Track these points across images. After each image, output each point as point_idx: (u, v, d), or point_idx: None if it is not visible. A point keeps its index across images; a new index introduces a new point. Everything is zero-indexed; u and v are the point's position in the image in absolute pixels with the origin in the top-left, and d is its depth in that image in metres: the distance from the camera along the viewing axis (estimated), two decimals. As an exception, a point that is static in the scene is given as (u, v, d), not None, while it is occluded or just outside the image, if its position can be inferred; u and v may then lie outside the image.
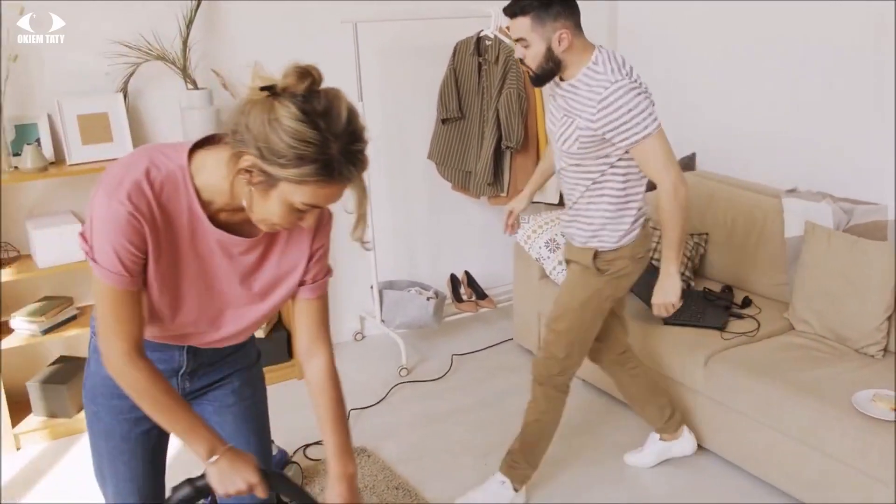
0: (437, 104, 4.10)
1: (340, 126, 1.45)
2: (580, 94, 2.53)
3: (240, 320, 1.78)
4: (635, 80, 2.49)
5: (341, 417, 1.82)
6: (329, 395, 1.81)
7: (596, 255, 2.70)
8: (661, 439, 3.17)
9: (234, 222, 1.66)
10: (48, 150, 3.43)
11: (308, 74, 1.47)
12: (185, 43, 3.53)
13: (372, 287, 4.07)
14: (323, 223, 1.76)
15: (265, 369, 3.77)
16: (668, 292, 2.72)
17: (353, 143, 1.48)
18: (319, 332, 1.84)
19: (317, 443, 3.37)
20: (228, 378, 1.95)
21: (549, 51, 2.52)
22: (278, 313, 3.98)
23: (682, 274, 3.64)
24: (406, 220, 4.37)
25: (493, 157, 3.93)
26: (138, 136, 3.62)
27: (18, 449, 3.43)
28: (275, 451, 3.04)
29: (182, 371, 1.87)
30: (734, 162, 4.05)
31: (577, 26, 2.54)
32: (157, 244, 1.59)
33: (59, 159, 3.47)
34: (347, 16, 3.71)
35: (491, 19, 3.90)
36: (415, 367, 4.02)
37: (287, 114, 1.43)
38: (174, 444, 1.99)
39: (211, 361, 1.90)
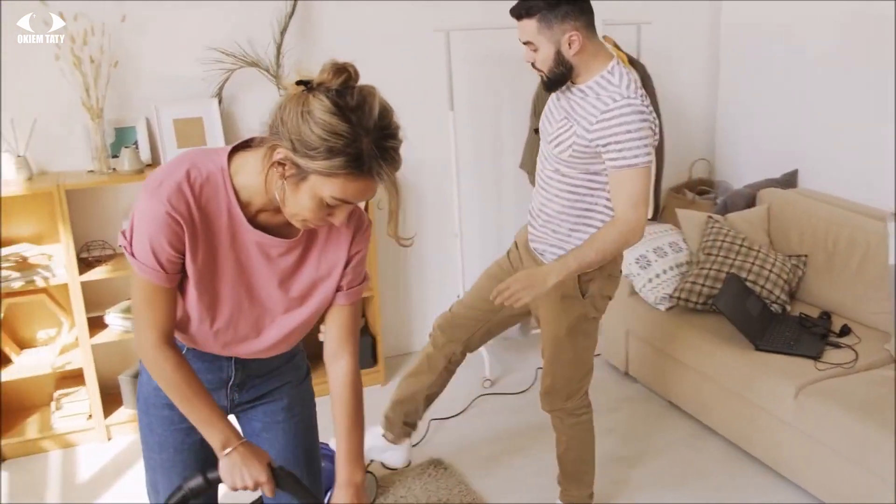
0: (530, 113, 4.04)
1: (372, 121, 1.49)
2: (587, 101, 2.39)
3: (281, 327, 1.79)
4: (647, 106, 2.34)
5: (356, 424, 1.84)
6: (347, 401, 1.84)
7: (579, 278, 2.54)
8: (383, 436, 3.12)
9: (273, 224, 1.69)
10: (146, 153, 3.53)
11: (344, 70, 1.51)
12: (278, 50, 3.59)
13: (458, 296, 4.04)
14: (362, 229, 1.79)
15: None
16: (530, 287, 2.37)
17: (384, 139, 1.52)
18: (347, 338, 1.87)
19: (394, 452, 3.38)
20: (278, 392, 1.97)
21: (559, 54, 2.37)
22: (364, 319, 4.00)
23: (777, 297, 3.49)
24: (496, 230, 4.33)
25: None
26: (231, 141, 3.68)
27: (109, 439, 3.57)
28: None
29: (231, 382, 1.89)
30: (838, 180, 3.86)
31: (589, 27, 2.39)
32: (195, 244, 1.63)
33: (155, 162, 3.57)
34: (440, 24, 3.70)
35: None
36: (499, 378, 3.97)
37: (320, 107, 1.47)
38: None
39: (259, 373, 1.91)
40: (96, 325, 3.53)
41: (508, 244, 2.84)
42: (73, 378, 3.63)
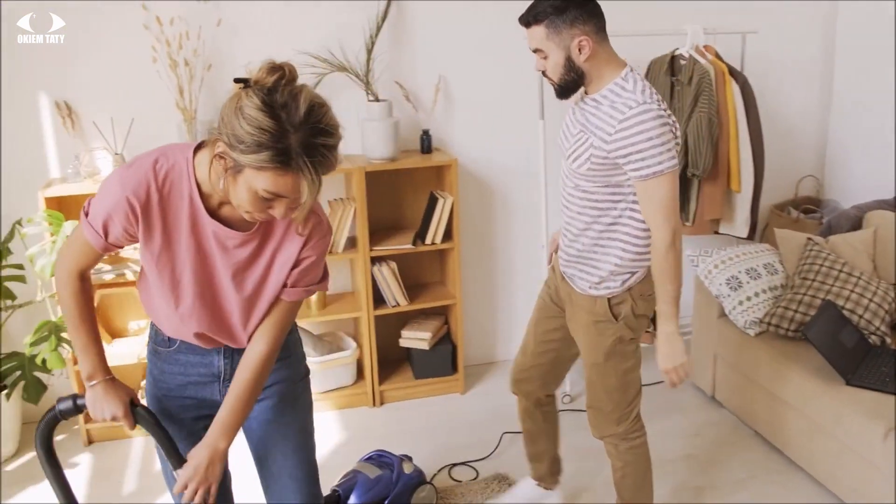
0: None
1: (298, 118, 1.55)
2: (601, 110, 2.26)
3: (241, 316, 1.87)
4: (665, 109, 2.21)
5: (243, 402, 1.89)
6: (245, 380, 1.88)
7: (609, 301, 2.43)
8: (538, 485, 3.01)
9: (234, 218, 1.79)
10: (237, 154, 3.61)
11: (278, 69, 1.59)
12: (369, 55, 3.61)
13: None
14: (318, 235, 1.84)
15: (427, 381, 3.80)
16: (672, 356, 2.36)
17: (313, 135, 1.56)
18: (273, 329, 1.91)
19: (463, 463, 3.35)
20: (268, 390, 2.03)
21: (570, 60, 2.27)
22: (447, 327, 3.99)
23: (876, 329, 3.27)
24: (585, 240, 4.22)
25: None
26: (320, 144, 3.74)
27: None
28: (411, 470, 3.04)
29: (222, 376, 1.98)
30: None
31: (599, 32, 2.30)
32: (149, 227, 1.75)
33: (246, 163, 3.64)
34: (532, 31, 3.63)
35: (687, 37, 3.67)
36: (580, 395, 3.87)
37: (250, 104, 1.54)
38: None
39: None
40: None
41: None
42: (161, 369, 3.76)
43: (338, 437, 3.59)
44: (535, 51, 2.33)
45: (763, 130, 3.77)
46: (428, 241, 3.71)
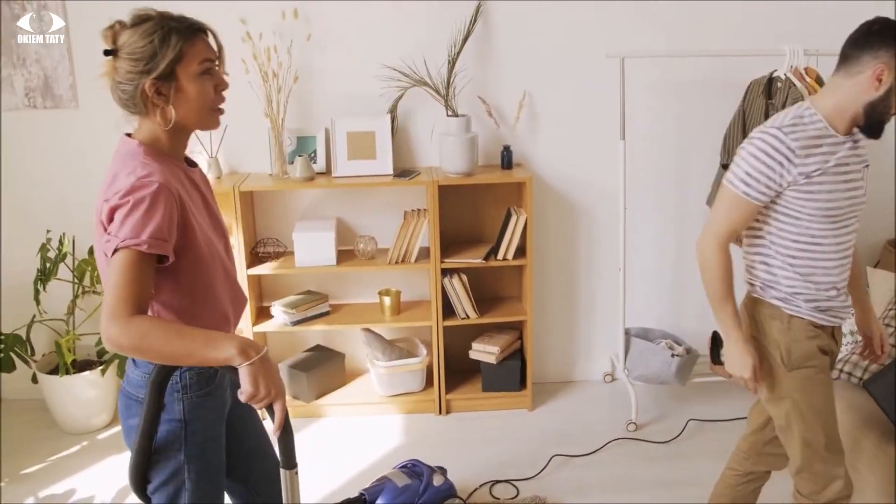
0: (721, 148, 3.76)
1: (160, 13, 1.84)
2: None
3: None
4: (783, 143, 2.15)
5: None
6: None
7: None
8: None
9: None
10: (322, 162, 3.80)
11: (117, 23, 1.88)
12: (450, 71, 3.67)
13: (627, 332, 3.89)
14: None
15: (495, 394, 3.97)
16: (731, 363, 2.32)
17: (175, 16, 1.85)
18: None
19: (506, 481, 3.36)
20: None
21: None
22: (520, 342, 4.00)
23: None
24: (676, 268, 4.09)
25: (760, 213, 3.53)
26: (399, 156, 3.87)
27: (263, 419, 3.88)
28: (440, 482, 3.09)
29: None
30: None
31: None
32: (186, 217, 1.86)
33: (328, 171, 3.82)
34: (615, 50, 3.56)
35: (785, 58, 3.47)
36: (645, 424, 3.77)
37: (130, 40, 1.81)
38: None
39: None
40: (263, 314, 3.89)
41: (686, 283, 2.64)
42: (245, 357, 4.02)
43: (397, 440, 3.70)
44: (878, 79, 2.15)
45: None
46: (500, 256, 3.74)
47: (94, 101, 3.77)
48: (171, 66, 1.79)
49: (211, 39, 1.86)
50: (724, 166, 3.79)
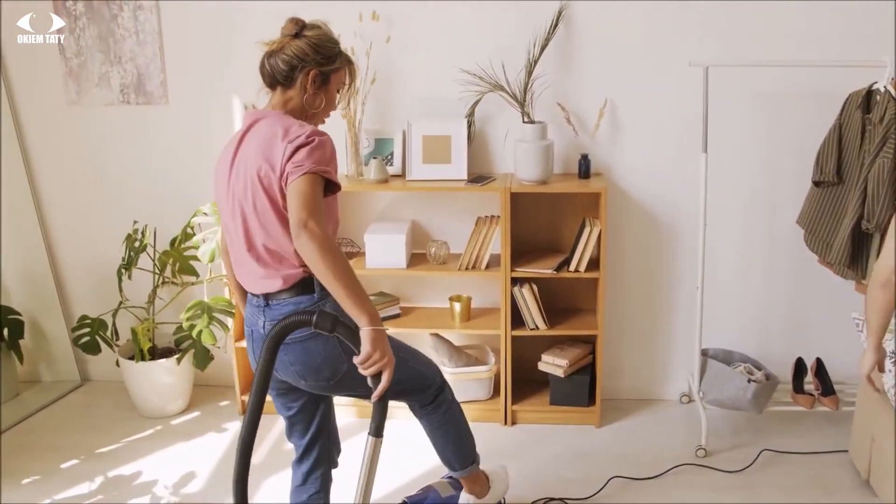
0: (814, 163, 3.54)
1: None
2: None
3: None
4: None
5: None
6: None
7: None
8: None
9: None
10: (398, 164, 3.80)
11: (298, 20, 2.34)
12: (528, 76, 3.60)
13: (703, 352, 3.71)
14: None
15: (562, 408, 3.97)
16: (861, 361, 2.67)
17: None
18: None
19: (561, 499, 3.24)
20: None
21: None
22: (591, 356, 3.89)
23: None
24: (762, 288, 3.87)
25: (850, 236, 3.29)
26: (475, 161, 3.82)
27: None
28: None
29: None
30: None
31: None
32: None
33: (404, 173, 3.82)
34: (697, 58, 3.40)
35: (886, 70, 3.23)
36: (717, 450, 3.58)
37: (316, 35, 2.32)
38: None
39: None
40: (334, 313, 3.92)
41: (772, 305, 2.52)
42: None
43: (458, 448, 3.66)
44: None
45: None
46: (572, 267, 3.64)
47: (182, 98, 3.90)
48: (332, 72, 2.32)
49: (349, 74, 2.41)
50: (817, 183, 3.58)
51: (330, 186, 2.19)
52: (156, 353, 3.95)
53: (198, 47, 3.83)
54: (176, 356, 3.85)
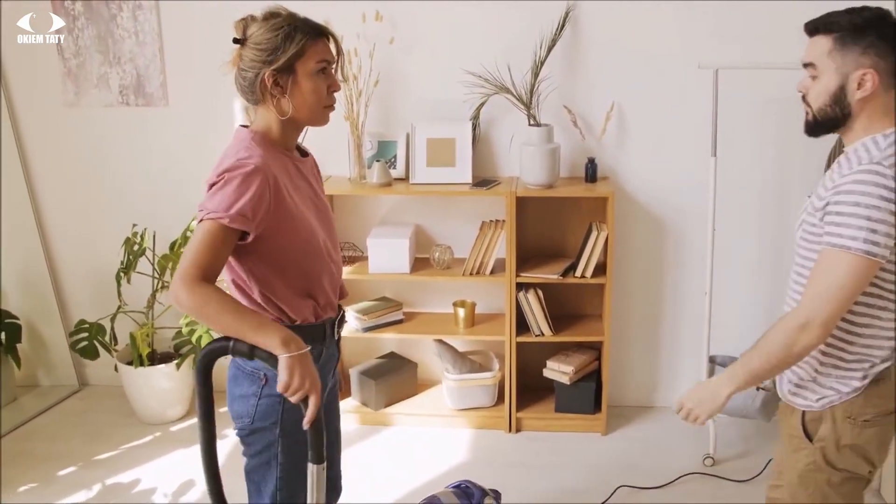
0: (825, 167, 3.48)
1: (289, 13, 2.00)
2: (840, 167, 1.87)
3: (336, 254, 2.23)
4: None
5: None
6: None
7: (803, 416, 2.00)
8: None
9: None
10: (401, 168, 3.75)
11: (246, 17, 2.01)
12: (535, 79, 3.55)
13: (711, 359, 3.65)
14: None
15: (568, 415, 3.89)
16: (701, 403, 2.00)
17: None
18: None
19: (566, 509, 3.22)
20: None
21: (841, 91, 1.89)
22: (597, 363, 3.85)
23: None
24: (771, 294, 3.81)
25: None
26: (479, 164, 3.76)
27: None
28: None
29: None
30: None
31: (892, 75, 1.86)
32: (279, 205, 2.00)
33: (407, 177, 3.76)
34: (707, 61, 3.34)
35: None
36: (724, 459, 3.52)
37: (259, 31, 1.94)
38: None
39: None
40: (336, 318, 3.86)
41: (783, 312, 2.02)
42: (317, 361, 4.02)
43: (462, 456, 3.60)
44: (807, 65, 2.00)
45: None
46: (578, 273, 3.58)
47: (183, 100, 3.84)
48: (292, 61, 1.95)
49: (332, 44, 2.03)
50: (828, 189, 3.53)
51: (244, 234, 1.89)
52: (155, 359, 3.89)
53: (198, 48, 3.77)
54: (175, 361, 3.79)
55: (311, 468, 1.85)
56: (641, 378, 4.01)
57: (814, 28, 1.94)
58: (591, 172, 3.64)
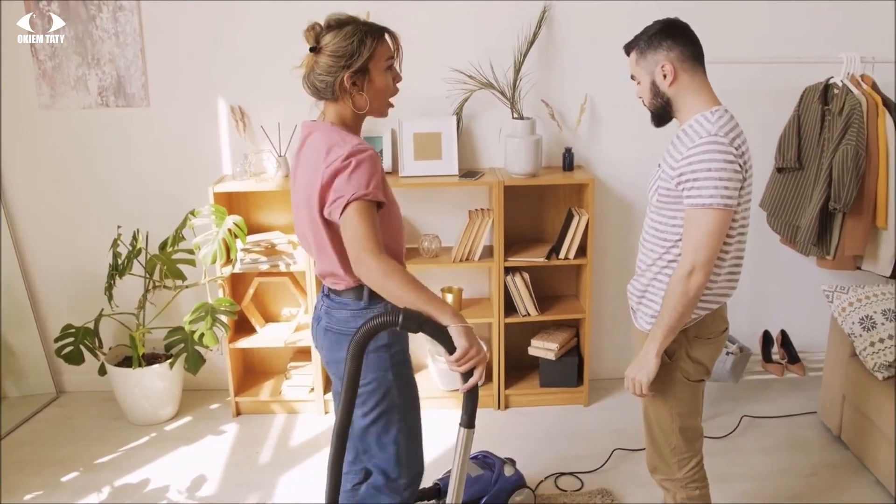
0: (776, 151, 3.86)
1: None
2: (681, 141, 2.32)
3: None
4: (738, 149, 2.25)
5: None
6: None
7: None
8: None
9: None
10: (388, 163, 3.89)
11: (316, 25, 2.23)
12: (516, 74, 3.77)
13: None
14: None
15: (552, 390, 4.10)
16: (639, 369, 2.42)
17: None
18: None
19: (570, 473, 3.45)
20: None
21: (654, 85, 2.38)
22: (576, 339, 4.12)
23: None
24: (726, 265, 4.18)
25: (818, 216, 3.63)
26: (464, 156, 3.97)
27: (326, 413, 4.00)
28: (511, 472, 3.18)
29: None
30: None
31: (687, 61, 2.35)
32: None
33: (394, 171, 3.92)
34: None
35: (842, 66, 3.58)
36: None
37: (333, 40, 2.17)
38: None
39: None
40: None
41: (741, 283, 2.55)
42: (306, 353, 4.12)
43: (459, 434, 3.78)
44: (633, 77, 2.48)
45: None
46: (562, 255, 3.83)
47: (165, 100, 3.85)
48: (366, 63, 2.17)
49: (390, 40, 2.25)
50: (780, 170, 3.91)
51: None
52: (143, 360, 3.88)
53: (181, 48, 3.79)
54: (169, 361, 3.80)
55: (462, 432, 2.04)
56: (617, 351, 4.31)
57: (626, 49, 2.48)
58: (569, 161, 3.90)
